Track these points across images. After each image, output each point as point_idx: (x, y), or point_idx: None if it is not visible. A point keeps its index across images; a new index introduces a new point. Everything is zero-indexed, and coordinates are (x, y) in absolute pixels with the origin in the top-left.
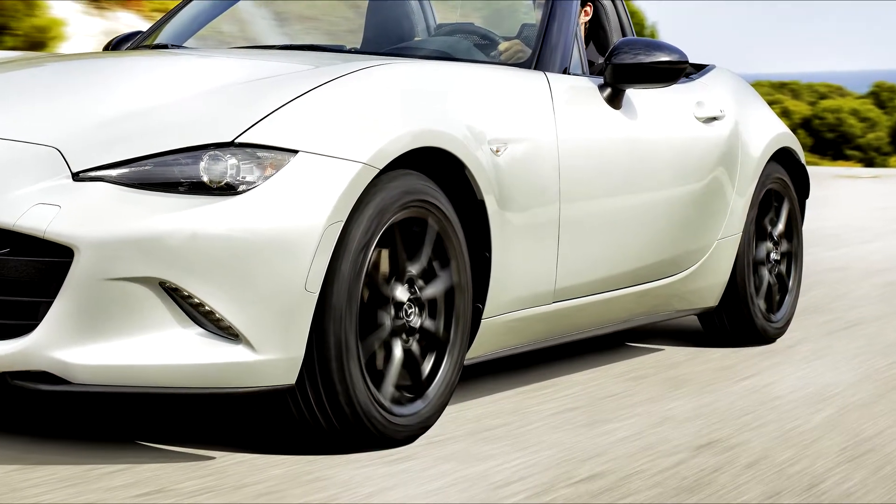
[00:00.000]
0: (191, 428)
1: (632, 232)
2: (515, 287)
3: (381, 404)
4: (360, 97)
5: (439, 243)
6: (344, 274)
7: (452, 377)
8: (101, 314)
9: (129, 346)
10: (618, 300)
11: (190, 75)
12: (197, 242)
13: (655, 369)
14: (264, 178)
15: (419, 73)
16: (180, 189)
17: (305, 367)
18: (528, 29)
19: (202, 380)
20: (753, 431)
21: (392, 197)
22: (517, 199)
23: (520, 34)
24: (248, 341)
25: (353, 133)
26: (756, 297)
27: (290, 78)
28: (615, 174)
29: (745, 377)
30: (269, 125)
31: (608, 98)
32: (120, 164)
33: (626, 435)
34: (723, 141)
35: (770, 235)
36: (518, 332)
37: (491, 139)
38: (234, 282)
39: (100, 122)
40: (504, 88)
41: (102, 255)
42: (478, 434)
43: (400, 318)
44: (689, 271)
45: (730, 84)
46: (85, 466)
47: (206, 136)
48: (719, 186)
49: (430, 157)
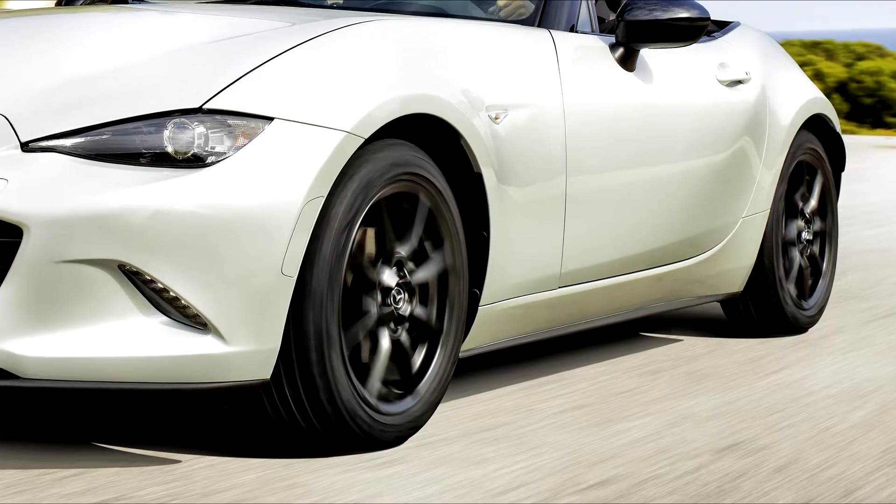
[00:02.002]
0: (153, 428)
1: (646, 209)
2: (517, 270)
3: (367, 401)
4: (342, 58)
5: (431, 221)
6: (325, 255)
7: (446, 371)
8: (53, 301)
9: (84, 337)
10: (631, 285)
11: (152, 34)
12: (160, 220)
13: (673, 362)
14: (235, 148)
15: (409, 32)
16: (142, 161)
17: (282, 360)
18: None
19: (166, 374)
20: (783, 432)
21: (379, 169)
22: (519, 171)
23: None
24: (218, 331)
25: (335, 98)
26: (786, 282)
27: (265, 37)
28: (628, 144)
29: (773, 371)
30: (241, 89)
31: (620, 59)
32: (74, 132)
33: (640, 436)
34: (748, 107)
35: (801, 213)
36: (519, 321)
37: (489, 105)
38: (201, 265)
39: (51, 86)
40: (504, 48)
41: (55, 235)
42: (475, 435)
43: (387, 305)
44: (711, 253)
45: (756, 43)
46: (35, 471)
47: (171, 102)
48: (744, 158)
49: (422, 125)
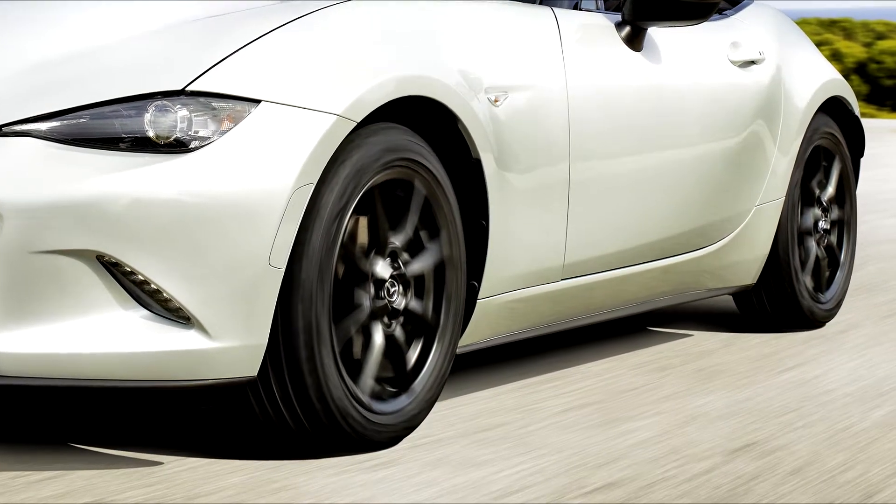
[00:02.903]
0: (134, 428)
1: (654, 196)
2: (517, 261)
3: (359, 400)
4: (333, 37)
5: (427, 210)
6: (314, 246)
7: (443, 368)
8: (27, 294)
9: (61, 332)
10: (638, 277)
11: (133, 12)
12: (141, 209)
13: (682, 359)
14: (220, 132)
15: (403, 9)
16: (121, 146)
17: (269, 356)
18: None
19: (148, 371)
20: (798, 432)
21: (372, 155)
22: (519, 157)
23: None
24: (202, 326)
25: (326, 80)
26: (801, 274)
27: (252, 15)
28: (635, 128)
29: (788, 368)
30: (227, 70)
31: (627, 38)
32: (50, 115)
33: (648, 436)
34: (762, 89)
35: (818, 200)
36: (520, 315)
37: (489, 87)
38: (184, 256)
39: (26, 67)
40: (504, 27)
41: (29, 224)
42: (473, 435)
43: (381, 298)
44: (723, 243)
45: (771, 22)
46: (9, 473)
47: (152, 84)
48: (758, 143)
49: (417, 108)
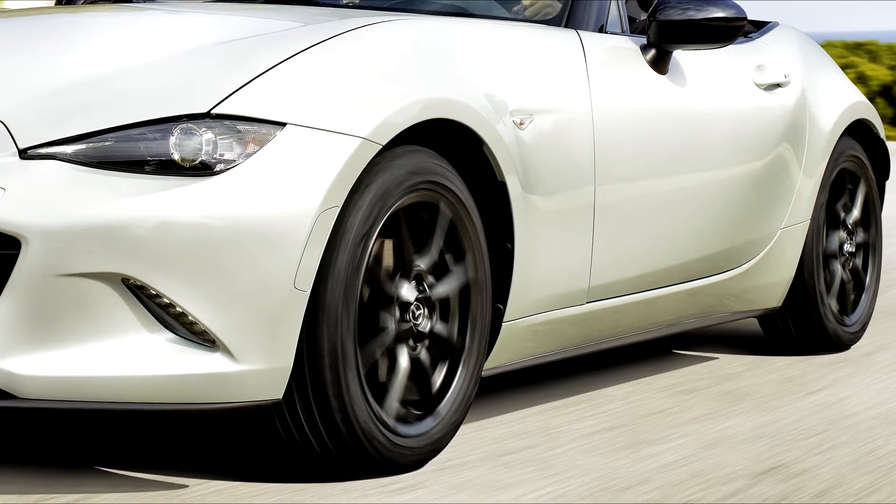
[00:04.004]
0: (159, 451)
1: (680, 219)
2: (542, 285)
3: (384, 423)
4: (358, 60)
5: (453, 233)
6: (340, 269)
7: (468, 391)
8: (53, 316)
9: (86, 355)
10: (663, 300)
11: (158, 35)
12: (166, 232)
13: (708, 382)
14: (246, 155)
15: (429, 32)
16: (147, 169)
17: (294, 380)
18: None
19: (173, 394)
20: (824, 455)
21: (397, 178)
22: (545, 180)
23: None
24: (227, 349)
25: (351, 103)
26: (827, 297)
27: (277, 38)
28: (660, 151)
29: (813, 391)
30: (252, 93)
31: (652, 61)
32: (75, 139)
33: (673, 459)
34: (788, 112)
35: (843, 223)
36: (546, 338)
37: (514, 110)
38: (210, 279)
39: (51, 89)
40: (529, 50)
41: (54, 247)
42: (498, 458)
43: (406, 322)
44: (748, 266)
45: (796, 45)
46: (33, 496)
47: (178, 107)
48: (783, 165)
49: (442, 131)
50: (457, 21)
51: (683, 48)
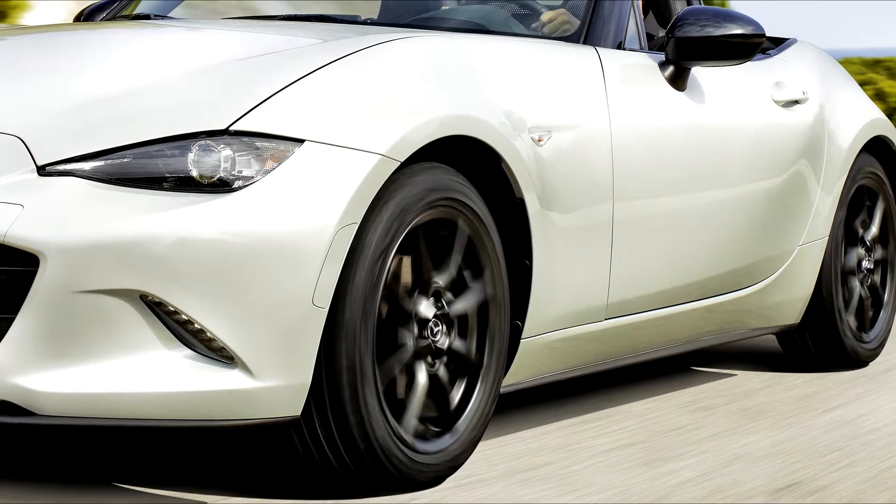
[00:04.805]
0: (177, 468)
1: (698, 236)
2: (561, 301)
3: (403, 439)
4: (376, 77)
5: (471, 249)
6: (358, 285)
7: (487, 407)
8: (71, 333)
9: (104, 371)
10: (682, 316)
11: (176, 52)
12: (185, 248)
13: (726, 398)
14: (264, 172)
15: (447, 49)
16: (165, 185)
17: (313, 396)
18: None
19: (191, 410)
20: (842, 471)
21: (415, 194)
22: (563, 197)
23: (566, 2)
24: (245, 365)
25: (369, 119)
26: (845, 313)
27: (295, 54)
28: (679, 168)
29: (831, 407)
30: (270, 110)
31: (671, 78)
32: (93, 155)
33: (691, 476)
34: (806, 128)
35: (862, 240)
36: (564, 355)
37: (532, 126)
38: (228, 295)
39: (70, 106)
40: (548, 66)
41: (73, 264)
42: (517, 475)
43: (424, 338)
44: (766, 283)
45: (814, 61)
46: None
47: (196, 123)
48: (802, 182)
49: (461, 148)
50: (475, 38)
51: (702, 65)
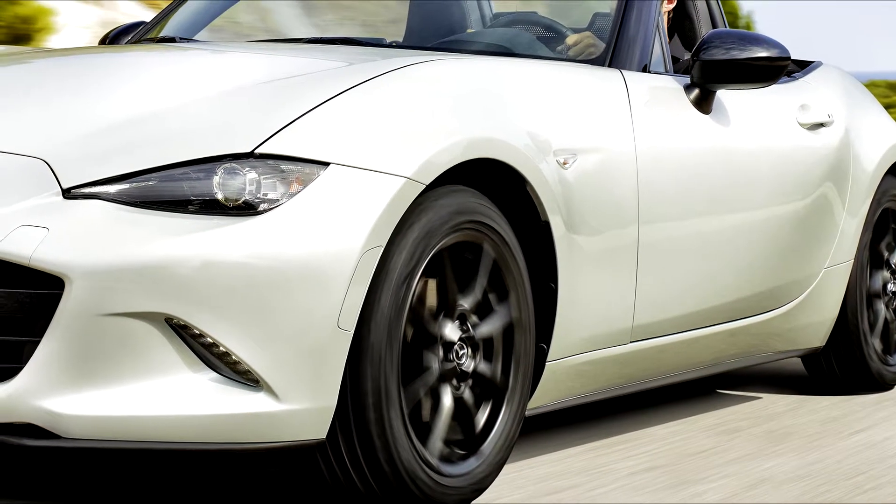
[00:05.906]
0: (202, 491)
1: (723, 259)
2: (586, 324)
3: (428, 462)
4: (402, 100)
5: (496, 272)
6: (383, 309)
7: (512, 430)
8: (96, 356)
9: (129, 394)
10: (707, 340)
11: (201, 74)
12: (210, 271)
13: (751, 421)
14: (289, 195)
15: (472, 72)
16: (190, 208)
17: (338, 419)
18: (601, 19)
19: (216, 433)
20: (868, 494)
21: (440, 217)
22: (588, 220)
23: (591, 25)
24: (271, 388)
25: (395, 142)
26: (870, 336)
27: (320, 77)
28: (704, 191)
29: (857, 430)
30: (295, 133)
31: (696, 100)
32: (119, 178)
33: (716, 499)
34: (831, 151)
35: (887, 263)
36: (589, 378)
37: (557, 149)
38: (253, 318)
39: (95, 129)
40: (573, 89)
41: (98, 287)
42: (542, 498)
43: (450, 361)
44: (792, 305)
45: (839, 84)
46: None
47: (221, 146)
48: (827, 205)
49: (486, 171)
50: (500, 61)
51: (727, 88)
